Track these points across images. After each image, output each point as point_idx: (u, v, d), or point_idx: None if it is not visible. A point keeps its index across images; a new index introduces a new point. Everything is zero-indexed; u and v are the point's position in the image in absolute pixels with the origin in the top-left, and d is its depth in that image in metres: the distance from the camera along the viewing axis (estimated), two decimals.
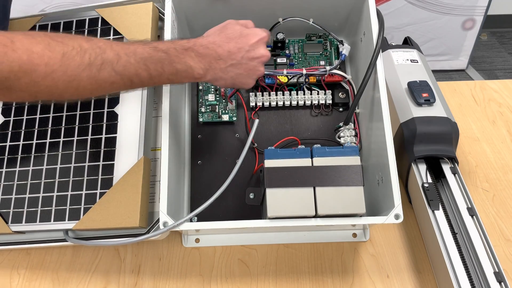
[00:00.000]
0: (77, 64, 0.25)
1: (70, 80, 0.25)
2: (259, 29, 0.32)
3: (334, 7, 0.40)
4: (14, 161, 0.38)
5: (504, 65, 1.22)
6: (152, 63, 0.28)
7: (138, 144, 0.36)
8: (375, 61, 0.35)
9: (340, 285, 0.36)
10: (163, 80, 0.29)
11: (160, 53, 0.28)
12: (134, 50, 0.28)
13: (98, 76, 0.26)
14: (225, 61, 0.30)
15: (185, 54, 0.29)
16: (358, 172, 0.31)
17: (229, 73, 0.31)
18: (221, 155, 0.40)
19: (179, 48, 0.29)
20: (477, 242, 0.33)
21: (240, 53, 0.30)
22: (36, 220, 0.35)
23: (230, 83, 0.32)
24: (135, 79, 0.28)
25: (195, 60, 0.29)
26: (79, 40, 0.26)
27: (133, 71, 0.27)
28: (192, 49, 0.29)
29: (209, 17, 0.41)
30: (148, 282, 0.37)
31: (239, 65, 0.30)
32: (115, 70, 0.27)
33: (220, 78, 0.31)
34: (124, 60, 0.27)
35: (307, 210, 0.30)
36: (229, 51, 0.30)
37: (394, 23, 1.03)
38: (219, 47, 0.30)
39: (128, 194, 0.34)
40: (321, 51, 0.44)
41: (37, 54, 0.24)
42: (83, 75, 0.26)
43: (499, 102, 0.51)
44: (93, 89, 0.27)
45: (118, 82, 0.27)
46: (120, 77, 0.27)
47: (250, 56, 0.30)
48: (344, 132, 0.39)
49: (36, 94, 0.25)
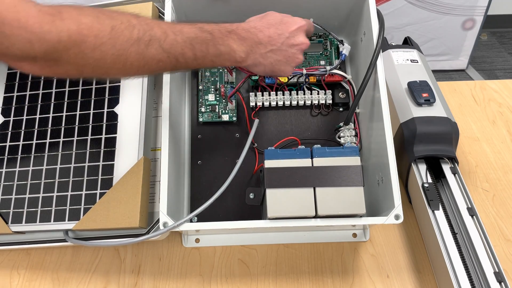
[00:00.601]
0: (126, 39, 0.25)
1: (119, 54, 0.25)
2: (299, 18, 0.32)
3: (334, 6, 0.40)
4: (14, 161, 0.38)
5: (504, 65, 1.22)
6: (198, 43, 0.28)
7: (138, 144, 0.36)
8: (375, 61, 0.35)
9: (340, 285, 0.36)
10: (206, 62, 0.29)
11: (206, 34, 0.28)
12: (180, 29, 0.28)
13: (145, 52, 0.26)
14: (265, 46, 0.30)
15: (228, 36, 0.29)
16: (358, 172, 0.31)
17: (269, 58, 0.31)
18: (221, 155, 0.40)
19: (223, 30, 0.29)
20: (477, 242, 0.33)
21: (280, 39, 0.30)
22: (36, 220, 0.35)
23: (270, 69, 0.32)
24: (181, 58, 0.28)
25: (238, 43, 0.29)
26: (127, 16, 0.26)
27: (179, 50, 0.27)
28: (235, 32, 0.29)
29: (209, 17, 0.41)
30: (148, 282, 0.37)
31: (279, 51, 0.31)
32: (162, 47, 0.27)
33: (260, 63, 0.31)
34: (171, 38, 0.27)
35: (307, 210, 0.30)
36: (269, 36, 0.30)
37: (394, 23, 1.03)
38: (260, 32, 0.30)
39: (128, 194, 0.34)
40: (321, 50, 0.44)
41: (86, 25, 0.24)
42: (131, 50, 0.25)
43: (499, 102, 0.51)
44: (140, 66, 0.26)
45: (164, 60, 0.27)
46: (167, 55, 0.27)
47: (290, 43, 0.31)
48: (344, 132, 0.39)
49: (83, 68, 0.25)
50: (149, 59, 0.26)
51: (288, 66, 0.32)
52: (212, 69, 0.43)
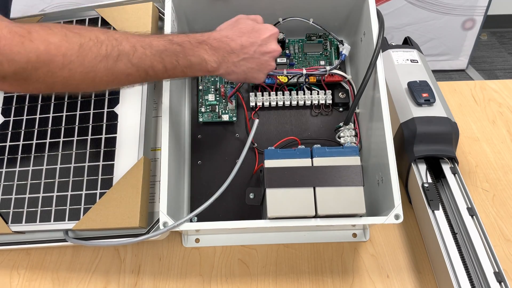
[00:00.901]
0: (94, 56, 0.25)
1: (87, 71, 0.25)
2: (270, 25, 0.32)
3: (334, 7, 0.40)
4: (14, 161, 0.38)
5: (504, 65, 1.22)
6: (167, 55, 0.28)
7: (138, 144, 0.36)
8: (375, 61, 0.35)
9: (340, 285, 0.36)
10: (177, 72, 0.29)
11: (175, 46, 0.29)
12: (149, 42, 0.28)
13: (114, 68, 0.26)
14: (237, 55, 0.30)
15: (199, 47, 0.29)
16: (358, 172, 0.31)
17: (241, 67, 0.31)
18: (221, 155, 0.40)
19: (193, 41, 0.29)
20: (477, 242, 0.33)
21: (253, 47, 0.30)
22: (36, 220, 0.35)
23: (242, 77, 0.32)
24: (150, 71, 0.28)
25: (209, 53, 0.29)
26: (95, 32, 0.26)
27: (148, 63, 0.28)
28: (206, 43, 0.29)
29: (209, 17, 0.41)
30: (148, 282, 0.37)
31: (251, 59, 0.31)
32: (131, 62, 0.27)
33: (232, 72, 0.31)
34: (140, 52, 0.27)
35: (307, 210, 0.30)
36: (241, 45, 0.30)
37: (394, 23, 1.03)
38: (232, 41, 0.30)
39: (128, 194, 0.34)
40: (321, 51, 0.44)
41: (54, 44, 0.24)
42: (100, 66, 0.26)
43: (499, 102, 0.51)
44: (109, 81, 0.27)
45: (133, 74, 0.27)
46: (136, 69, 0.27)
47: (262, 51, 0.31)
48: (344, 132, 0.39)
49: (53, 85, 0.25)
50: (118, 73, 0.27)
51: (260, 73, 0.32)
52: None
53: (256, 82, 0.34)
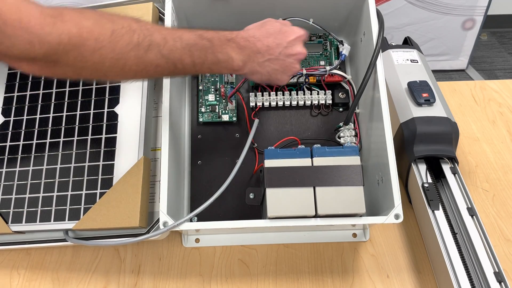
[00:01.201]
0: (125, 43, 0.25)
1: (118, 58, 0.25)
2: (297, 28, 0.32)
3: (334, 7, 0.40)
4: (14, 161, 0.38)
5: (504, 65, 1.22)
6: (197, 50, 0.28)
7: (138, 144, 0.36)
8: (375, 61, 0.35)
9: (340, 285, 0.36)
10: (204, 68, 0.30)
11: (205, 41, 0.29)
12: (180, 35, 0.28)
13: (144, 57, 0.26)
14: (263, 55, 0.30)
15: (227, 44, 0.29)
16: (358, 172, 0.31)
17: (266, 67, 0.31)
18: (221, 155, 0.40)
19: (222, 38, 0.29)
20: (477, 242, 0.33)
21: (278, 49, 0.30)
22: (36, 220, 0.35)
23: (266, 78, 0.32)
24: (179, 64, 0.28)
25: (236, 51, 0.30)
26: (128, 20, 0.26)
27: (178, 56, 0.28)
28: (234, 40, 0.30)
29: (209, 17, 0.41)
30: (148, 282, 0.37)
31: (276, 61, 0.31)
32: (161, 53, 0.27)
33: (257, 72, 0.31)
34: (171, 44, 0.27)
35: (307, 210, 0.30)
36: (268, 46, 0.30)
37: (394, 23, 1.03)
38: (258, 41, 0.30)
39: (128, 194, 0.34)
40: (321, 51, 0.44)
41: (86, 28, 0.24)
42: (130, 54, 0.26)
43: (499, 102, 0.51)
44: (138, 70, 0.27)
45: (162, 65, 0.27)
46: (165, 60, 0.27)
47: (288, 53, 0.31)
48: (344, 132, 0.39)
49: (81, 70, 0.25)
50: (148, 63, 0.27)
51: (284, 75, 0.32)
52: None
53: (279, 84, 0.34)
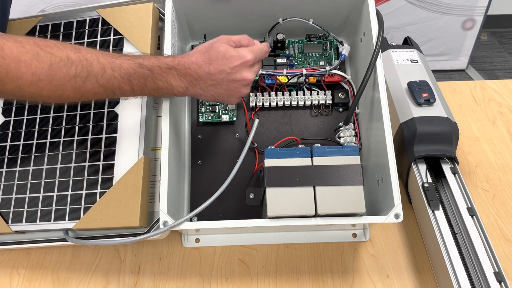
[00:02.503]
0: (63, 75, 0.27)
1: (55, 89, 0.27)
2: (245, 51, 0.31)
3: (334, 7, 0.40)
4: (14, 161, 0.38)
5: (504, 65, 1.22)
6: (136, 78, 0.29)
7: (138, 144, 0.36)
8: (374, 61, 0.35)
9: (340, 285, 0.36)
10: (144, 93, 0.31)
11: (145, 70, 0.29)
12: (119, 64, 0.29)
13: (82, 87, 0.28)
14: (205, 82, 0.31)
15: (168, 72, 0.30)
16: (358, 171, 0.31)
17: (210, 91, 0.31)
18: (221, 155, 0.40)
19: (163, 66, 0.30)
20: (477, 242, 0.33)
21: (221, 75, 0.30)
22: (36, 220, 0.35)
23: (212, 99, 0.33)
24: (117, 92, 0.29)
25: (176, 78, 0.30)
26: (67, 51, 0.27)
27: (116, 85, 0.29)
28: (175, 69, 0.30)
29: (209, 18, 0.41)
30: (148, 282, 0.37)
31: (219, 86, 0.31)
32: (99, 82, 0.28)
33: (200, 95, 0.32)
34: (109, 74, 0.28)
35: (307, 209, 0.30)
36: (209, 73, 0.30)
37: (394, 23, 1.03)
38: (199, 68, 0.30)
39: (128, 194, 0.34)
40: (321, 51, 0.44)
41: (24, 63, 0.25)
42: (68, 85, 0.27)
43: (499, 102, 0.51)
44: (76, 98, 0.29)
45: (101, 93, 0.29)
46: (103, 89, 0.29)
47: (231, 79, 0.31)
48: (344, 132, 0.39)
49: (21, 97, 0.27)
50: (85, 92, 0.28)
51: (231, 97, 0.32)
52: None
53: (229, 104, 0.34)
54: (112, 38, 0.40)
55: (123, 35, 0.39)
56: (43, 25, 0.42)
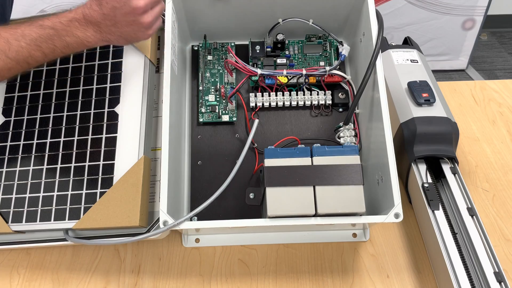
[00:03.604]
0: None
1: None
2: None
3: (334, 8, 0.40)
4: (14, 161, 0.38)
5: (504, 65, 1.22)
6: (42, 41, 0.29)
7: (139, 144, 0.36)
8: (374, 61, 0.35)
9: (340, 285, 0.36)
10: (57, 54, 0.30)
11: (48, 30, 0.29)
12: (22, 32, 0.28)
13: None
14: (105, 24, 0.30)
15: (70, 25, 0.30)
16: (358, 171, 0.31)
17: (115, 33, 0.31)
18: (221, 155, 0.40)
19: (64, 21, 0.30)
20: (477, 242, 0.33)
21: (114, 12, 0.30)
22: (36, 220, 0.35)
23: (123, 41, 0.32)
24: (31, 60, 0.29)
25: (80, 29, 0.30)
26: None
27: (26, 54, 0.28)
28: (75, 19, 0.30)
29: (209, 18, 0.41)
30: (148, 282, 0.37)
31: (119, 24, 0.30)
32: (8, 56, 0.27)
33: (110, 40, 0.31)
34: (15, 45, 0.28)
35: (307, 209, 0.30)
36: (104, 14, 0.30)
37: (394, 23, 1.03)
38: (94, 12, 0.30)
39: (128, 193, 0.34)
40: (321, 52, 0.44)
41: None
42: None
43: (499, 102, 0.51)
44: None
45: (14, 67, 0.28)
46: (15, 62, 0.28)
47: (124, 12, 0.30)
48: (344, 132, 0.39)
49: None
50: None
51: (138, 32, 0.31)
52: (212, 70, 0.43)
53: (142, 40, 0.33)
54: None
55: None
56: None
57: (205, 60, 0.43)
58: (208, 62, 0.43)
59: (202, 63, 0.43)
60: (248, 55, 0.43)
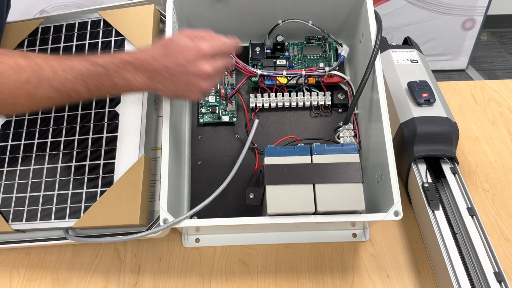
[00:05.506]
0: (13, 83, 0.26)
1: (6, 98, 0.26)
2: (203, 42, 0.30)
3: (333, 9, 0.40)
4: (15, 160, 0.38)
5: (504, 65, 1.22)
6: (90, 78, 0.28)
7: (139, 143, 0.36)
8: (373, 62, 0.35)
9: (340, 285, 0.36)
10: (102, 93, 0.30)
11: (98, 68, 0.28)
12: (71, 65, 0.28)
13: (35, 93, 0.27)
14: (162, 75, 0.29)
15: (123, 68, 0.29)
16: (357, 169, 0.31)
17: (168, 86, 0.30)
18: (221, 155, 0.40)
19: (117, 62, 0.29)
20: (477, 242, 0.33)
21: (177, 68, 0.29)
22: (37, 219, 0.35)
23: (172, 95, 0.31)
24: (73, 94, 0.28)
25: (133, 73, 0.29)
26: (16, 58, 0.26)
27: (70, 87, 0.28)
28: (130, 63, 0.29)
29: (209, 19, 0.41)
30: (148, 282, 0.37)
31: (177, 80, 0.30)
32: (52, 86, 0.27)
33: (160, 90, 0.30)
34: (62, 76, 0.27)
35: (306, 206, 0.30)
36: (166, 66, 0.29)
37: (394, 23, 1.03)
38: (156, 61, 0.29)
39: (128, 192, 0.34)
40: (320, 53, 0.44)
41: None
42: (20, 93, 0.26)
43: (499, 102, 0.51)
44: (31, 105, 0.28)
45: (56, 97, 0.28)
46: (58, 93, 0.28)
47: (188, 71, 0.29)
48: (344, 133, 0.40)
49: None
50: (39, 98, 0.27)
51: (189, 92, 0.31)
52: None
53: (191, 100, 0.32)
54: (114, 39, 0.40)
55: (125, 36, 0.40)
56: (45, 26, 0.42)
57: None
58: None
59: None
60: (248, 57, 0.43)
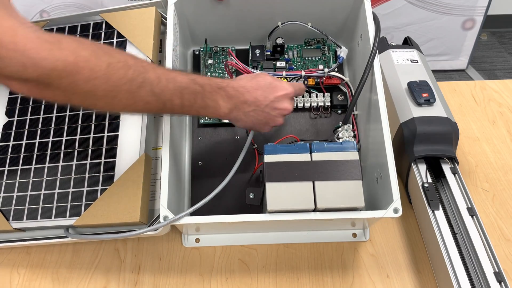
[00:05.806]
0: (120, 77, 0.26)
1: (110, 90, 0.26)
2: (287, 84, 0.33)
3: (332, 11, 0.41)
4: (17, 159, 0.38)
5: (504, 65, 1.22)
6: (187, 93, 0.29)
7: (140, 142, 0.36)
8: (371, 63, 0.35)
9: (340, 285, 0.36)
10: (192, 111, 0.31)
11: (197, 86, 0.30)
12: (174, 77, 0.29)
13: (136, 93, 0.27)
14: (249, 106, 0.32)
15: (217, 92, 0.31)
16: (356, 166, 0.31)
17: (251, 117, 0.32)
18: (221, 156, 0.41)
19: (213, 85, 0.31)
20: (477, 242, 0.33)
21: (265, 102, 0.32)
22: (37, 217, 0.36)
23: (249, 126, 0.33)
24: (168, 104, 0.29)
25: (224, 99, 0.31)
26: (125, 56, 0.27)
27: (168, 96, 0.29)
28: (224, 89, 0.31)
29: (210, 22, 0.41)
30: (148, 281, 0.37)
31: (261, 112, 0.32)
32: (153, 91, 0.28)
33: (241, 119, 0.32)
34: (163, 84, 0.28)
35: (306, 203, 0.31)
36: (255, 98, 0.31)
37: (394, 23, 1.03)
38: (247, 92, 0.31)
39: (129, 190, 0.34)
40: (320, 55, 0.44)
41: (83, 57, 0.24)
42: (123, 88, 0.26)
43: (499, 102, 0.51)
44: (128, 104, 0.27)
45: (152, 103, 0.28)
46: (156, 98, 0.28)
47: (273, 106, 0.32)
48: (343, 133, 0.40)
49: (72, 96, 0.25)
50: (138, 99, 0.27)
51: (267, 126, 0.33)
52: (213, 74, 0.44)
53: (260, 132, 0.35)
54: (116, 41, 0.40)
55: (126, 38, 0.40)
56: (48, 29, 0.43)
57: (206, 64, 0.44)
58: (209, 66, 0.44)
59: (203, 66, 0.44)
60: (248, 59, 0.43)
